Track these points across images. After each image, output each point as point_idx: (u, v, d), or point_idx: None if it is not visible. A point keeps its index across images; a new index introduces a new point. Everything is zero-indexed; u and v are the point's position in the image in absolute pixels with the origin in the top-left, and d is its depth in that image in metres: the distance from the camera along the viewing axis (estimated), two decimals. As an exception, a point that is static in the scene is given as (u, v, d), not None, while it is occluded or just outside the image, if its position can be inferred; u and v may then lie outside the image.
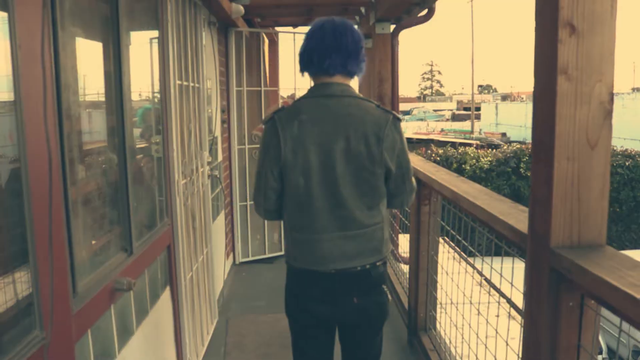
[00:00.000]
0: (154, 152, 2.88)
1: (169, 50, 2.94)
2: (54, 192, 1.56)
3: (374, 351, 2.33)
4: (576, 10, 1.49)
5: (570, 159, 1.54)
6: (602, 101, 1.53)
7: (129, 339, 2.33)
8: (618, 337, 1.54)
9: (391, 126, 2.10)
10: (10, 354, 1.38)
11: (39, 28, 1.48)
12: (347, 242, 2.09)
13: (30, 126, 1.46)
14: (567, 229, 1.57)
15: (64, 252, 1.68)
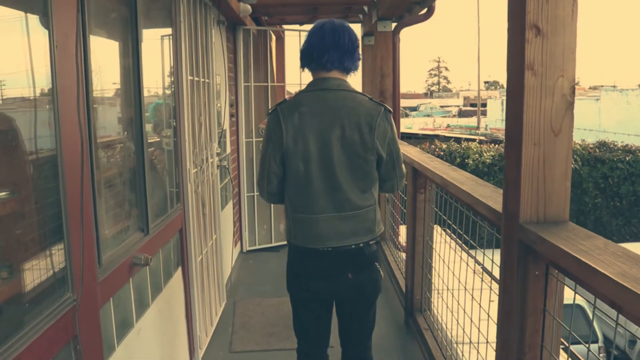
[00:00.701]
0: (165, 145, 3.10)
1: (182, 48, 3.16)
2: (84, 176, 1.79)
3: (368, 324, 2.55)
4: (541, 14, 1.70)
5: (537, 145, 1.75)
6: (564, 94, 1.74)
7: (145, 311, 2.56)
8: (615, 328, 1.75)
9: (382, 117, 2.32)
10: (49, 309, 1.61)
11: (73, 30, 1.71)
12: (342, 222, 2.31)
13: (65, 116, 1.69)
14: (534, 207, 1.79)
15: (92, 228, 1.91)
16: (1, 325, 1.47)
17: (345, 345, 2.57)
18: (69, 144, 1.72)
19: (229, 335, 3.93)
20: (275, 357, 3.60)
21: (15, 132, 1.62)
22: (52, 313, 1.62)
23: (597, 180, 12.59)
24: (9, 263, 1.58)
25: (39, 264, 1.70)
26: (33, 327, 1.52)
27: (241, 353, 3.69)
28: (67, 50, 1.69)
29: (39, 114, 1.70)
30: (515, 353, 1.86)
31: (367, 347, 2.58)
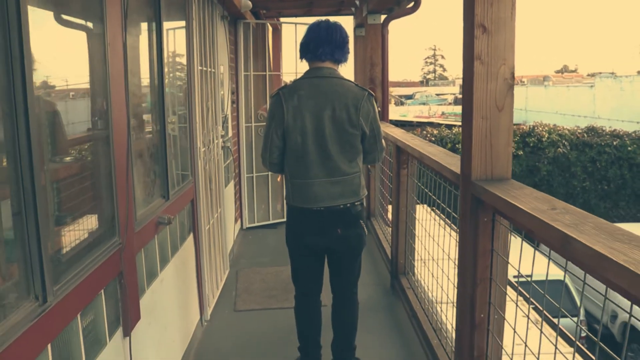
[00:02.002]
0: (170, 131, 3.55)
1: (194, 42, 3.61)
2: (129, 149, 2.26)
3: (354, 272, 3.03)
4: (486, 15, 2.16)
5: (484, 118, 2.22)
6: (506, 78, 2.21)
7: (166, 265, 3.03)
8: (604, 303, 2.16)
9: (366, 100, 2.79)
10: (107, 245, 2.09)
11: (119, 32, 2.18)
12: (332, 186, 2.79)
13: (116, 100, 2.16)
14: (482, 168, 2.25)
15: (131, 190, 2.38)
16: (73, 256, 1.94)
17: (335, 291, 3.05)
18: (118, 122, 2.19)
19: (233, 298, 4.41)
20: (274, 314, 4.07)
21: (57, 113, 2.04)
22: (106, 250, 2.10)
23: (585, 164, 13.03)
24: (73, 212, 2.06)
25: (96, 213, 2.17)
26: (97, 257, 2.00)
27: (244, 312, 4.17)
28: (115, 48, 2.16)
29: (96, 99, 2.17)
30: (470, 286, 2.34)
31: (353, 292, 3.06)
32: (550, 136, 12.81)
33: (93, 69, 2.14)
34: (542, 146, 12.75)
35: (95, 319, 2.07)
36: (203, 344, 3.65)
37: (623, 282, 1.26)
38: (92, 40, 2.12)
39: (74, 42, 2.16)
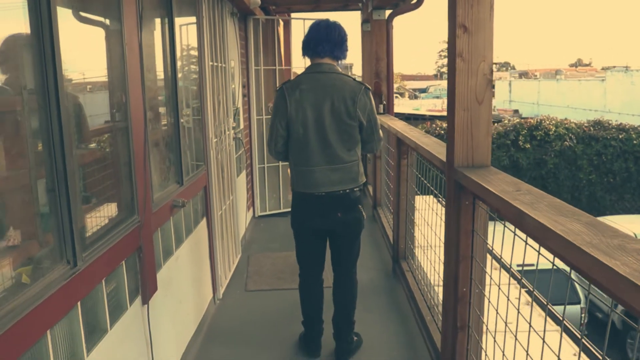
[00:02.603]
0: (184, 123, 3.82)
1: (204, 38, 3.87)
2: (146, 137, 2.53)
3: (353, 253, 3.29)
4: (467, 17, 2.40)
5: (466, 110, 2.46)
6: (485, 74, 2.44)
7: (180, 244, 3.30)
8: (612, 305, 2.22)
9: (363, 93, 3.04)
10: (127, 222, 2.36)
11: (135, 32, 2.44)
12: (332, 173, 3.04)
13: (133, 94, 2.42)
14: (464, 156, 2.49)
15: (149, 175, 2.64)
16: (99, 229, 2.21)
17: (336, 270, 3.31)
18: (135, 114, 2.46)
19: (244, 279, 4.68)
20: (282, 294, 4.34)
21: (81, 106, 2.31)
22: (127, 226, 2.38)
23: (591, 157, 13.19)
24: (98, 192, 2.33)
25: (117, 194, 2.44)
26: (118, 232, 2.27)
27: (255, 292, 4.44)
28: (132, 47, 2.42)
29: (115, 92, 2.43)
30: (453, 262, 2.58)
31: (352, 271, 3.32)
32: (557, 129, 12.98)
33: (112, 65, 2.40)
34: (549, 139, 12.92)
35: (117, 286, 2.34)
36: (215, 319, 3.92)
37: (559, 248, 1.50)
38: (111, 38, 2.39)
39: (95, 40, 2.42)
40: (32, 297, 1.64)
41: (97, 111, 2.47)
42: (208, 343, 3.59)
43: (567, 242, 1.44)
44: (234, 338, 3.68)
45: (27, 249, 1.79)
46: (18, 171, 1.77)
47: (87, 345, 2.00)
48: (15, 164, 1.76)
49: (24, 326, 1.56)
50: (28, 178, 1.80)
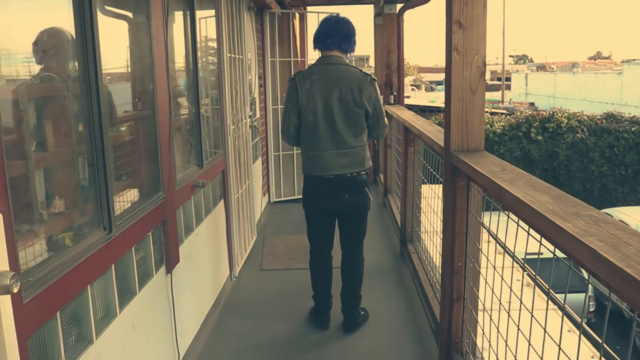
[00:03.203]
0: (203, 111, 4.08)
1: (223, 31, 4.13)
2: (171, 122, 2.79)
3: (360, 232, 3.54)
4: (462, 14, 2.63)
5: (461, 100, 2.69)
6: (479, 66, 2.68)
7: (200, 223, 3.58)
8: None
9: (369, 83, 3.29)
10: (153, 197, 2.63)
11: (162, 26, 2.70)
12: (340, 157, 3.29)
13: (160, 83, 2.69)
14: (459, 141, 2.73)
15: (173, 156, 2.91)
16: (130, 202, 2.48)
17: (344, 248, 3.57)
18: (162, 101, 2.73)
19: (259, 259, 4.96)
20: (295, 274, 4.60)
21: (110, 93, 2.56)
22: (154, 201, 2.65)
23: (603, 149, 13.31)
24: (128, 172, 2.60)
25: (146, 172, 2.72)
26: (146, 206, 2.54)
27: (269, 271, 4.72)
28: (159, 40, 2.69)
29: (144, 82, 2.70)
30: (450, 239, 2.82)
31: (359, 249, 3.57)
32: (569, 122, 13.11)
33: (141, 56, 2.67)
34: (561, 132, 13.06)
35: (144, 255, 2.61)
36: (232, 295, 4.20)
37: (528, 216, 1.74)
38: (140, 32, 2.65)
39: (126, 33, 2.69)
40: (75, 257, 1.91)
41: (128, 99, 2.74)
42: (225, 315, 3.87)
43: (533, 211, 1.68)
44: (249, 312, 3.95)
45: (69, 216, 2.06)
46: (63, 148, 2.04)
47: (119, 303, 2.27)
48: (61, 142, 2.03)
49: (69, 279, 1.83)
50: (71, 154, 2.08)
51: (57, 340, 1.81)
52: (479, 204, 2.78)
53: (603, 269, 1.20)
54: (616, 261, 1.15)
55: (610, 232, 1.34)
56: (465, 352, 2.83)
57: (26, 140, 1.76)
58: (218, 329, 3.66)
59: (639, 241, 1.26)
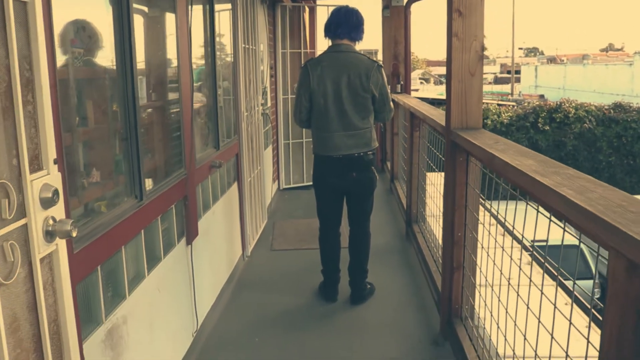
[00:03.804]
0: (220, 99, 4.30)
1: (238, 24, 4.35)
2: (191, 106, 3.03)
3: (367, 209, 3.77)
4: (461, 2, 2.84)
5: (460, 81, 2.90)
6: (477, 50, 2.89)
7: (216, 201, 3.81)
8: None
9: (376, 70, 3.51)
10: (176, 173, 2.87)
11: (185, 21, 2.93)
12: (348, 138, 3.52)
13: (183, 73, 2.92)
14: (459, 120, 2.95)
15: (193, 137, 3.14)
16: (157, 175, 2.72)
17: (351, 224, 3.80)
18: (185, 87, 2.96)
19: (270, 241, 5.20)
20: (304, 253, 4.84)
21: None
22: (177, 175, 2.89)
23: (611, 139, 13.43)
24: (155, 149, 2.83)
25: (171, 151, 2.95)
26: (171, 180, 2.78)
27: (279, 251, 4.95)
28: (183, 34, 2.92)
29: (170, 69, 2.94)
30: (450, 210, 3.04)
31: (366, 225, 3.80)
32: (576, 112, 13.26)
33: (167, 46, 2.90)
34: (569, 122, 13.22)
35: (168, 226, 2.85)
36: (244, 272, 4.44)
37: (514, 177, 1.96)
38: (167, 24, 2.88)
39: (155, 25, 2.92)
40: (112, 219, 2.15)
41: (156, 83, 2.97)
42: (239, 290, 4.11)
43: (518, 171, 1.90)
44: (261, 287, 4.19)
45: (105, 186, 2.30)
46: (101, 125, 2.28)
47: (147, 266, 2.51)
48: (99, 120, 2.27)
49: (108, 238, 2.07)
50: (108, 130, 2.31)
51: (98, 291, 2.05)
52: (478, 178, 2.99)
53: (571, 211, 1.42)
54: (581, 203, 1.37)
55: (580, 184, 1.56)
56: (465, 317, 3.05)
57: (72, 115, 1.99)
58: (232, 302, 3.90)
59: (603, 190, 1.48)
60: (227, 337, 3.42)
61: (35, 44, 1.48)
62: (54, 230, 1.52)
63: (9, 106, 1.39)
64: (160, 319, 2.67)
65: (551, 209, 1.65)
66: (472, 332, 2.92)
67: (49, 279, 1.57)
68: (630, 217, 1.21)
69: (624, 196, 1.39)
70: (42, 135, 1.51)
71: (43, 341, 1.53)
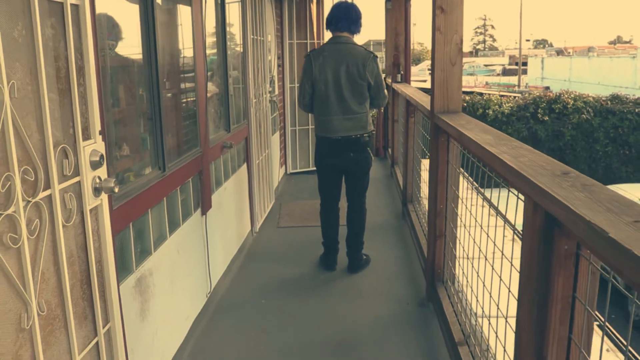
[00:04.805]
0: (230, 85, 4.69)
1: (247, 15, 4.74)
2: (205, 91, 3.43)
3: (364, 185, 4.18)
4: (444, 1, 3.22)
5: (442, 70, 3.29)
6: (457, 43, 3.27)
7: (228, 179, 4.22)
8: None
9: (372, 60, 3.90)
10: (193, 150, 3.28)
11: (200, 12, 3.33)
12: (346, 121, 3.91)
13: (199, 61, 3.32)
14: (441, 104, 3.33)
15: (207, 120, 3.55)
16: (177, 151, 3.12)
17: (349, 200, 4.20)
18: (199, 74, 3.36)
19: (277, 219, 5.61)
20: (308, 230, 5.24)
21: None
22: (193, 153, 3.29)
23: (607, 130, 13.73)
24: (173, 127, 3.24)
25: (187, 130, 3.36)
26: (188, 156, 3.19)
27: (285, 228, 5.37)
28: (197, 24, 3.32)
29: (187, 58, 3.34)
30: (434, 185, 3.43)
31: (362, 201, 4.20)
32: (575, 103, 13.57)
33: (184, 36, 3.30)
34: (567, 112, 13.53)
35: (186, 197, 3.26)
36: (253, 246, 4.86)
37: (475, 150, 2.35)
38: (183, 17, 3.28)
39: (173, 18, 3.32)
40: (141, 185, 2.56)
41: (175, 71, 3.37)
42: (247, 261, 4.53)
43: (477, 144, 2.29)
44: (268, 258, 4.61)
45: (133, 158, 2.71)
46: (130, 106, 2.69)
47: (169, 229, 2.92)
48: (129, 102, 2.68)
49: (137, 201, 2.48)
50: (135, 111, 2.72)
51: (130, 245, 2.46)
52: (457, 157, 3.38)
53: (505, 170, 1.82)
54: (512, 164, 1.76)
55: (518, 152, 1.96)
56: (446, 280, 3.45)
57: (108, 97, 2.39)
58: (242, 271, 4.32)
59: (533, 155, 1.87)
60: (236, 299, 3.83)
61: (85, 38, 1.88)
62: (100, 187, 1.93)
63: (67, 88, 1.79)
64: (179, 278, 3.09)
65: (495, 171, 2.04)
66: (450, 292, 3.32)
67: (95, 226, 1.97)
68: (542, 172, 1.60)
69: (547, 160, 1.78)
70: (90, 111, 1.91)
71: (91, 276, 1.93)
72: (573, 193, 1.38)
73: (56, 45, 1.73)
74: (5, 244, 1.45)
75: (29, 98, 1.57)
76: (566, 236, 1.43)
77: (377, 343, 3.25)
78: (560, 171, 1.62)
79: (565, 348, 1.46)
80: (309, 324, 3.51)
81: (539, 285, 1.50)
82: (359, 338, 3.33)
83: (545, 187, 1.45)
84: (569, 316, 1.45)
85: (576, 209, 1.25)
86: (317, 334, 3.39)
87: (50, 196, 1.66)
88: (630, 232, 1.09)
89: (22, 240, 1.50)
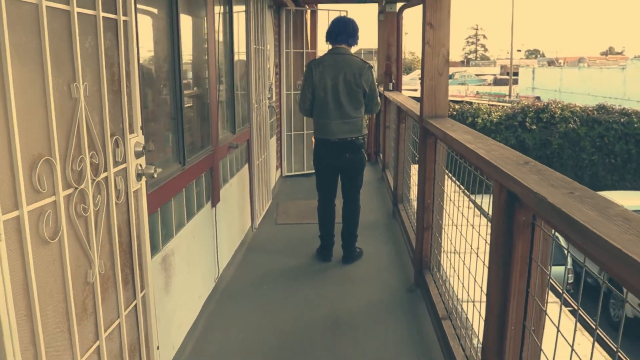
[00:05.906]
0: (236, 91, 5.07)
1: (250, 26, 5.13)
2: (217, 95, 3.81)
3: (358, 183, 4.56)
4: (433, 17, 3.61)
5: (431, 79, 3.68)
6: (444, 55, 3.67)
7: (233, 176, 4.60)
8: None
9: (367, 69, 4.30)
10: (206, 148, 3.65)
11: (212, 18, 3.72)
12: (343, 125, 4.30)
13: (211, 62, 3.70)
14: (429, 110, 3.72)
15: (217, 121, 3.92)
16: (193, 148, 3.50)
17: (345, 197, 4.59)
18: (212, 80, 3.74)
19: (274, 217, 5.99)
20: (304, 227, 5.61)
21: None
22: (206, 150, 3.67)
23: (594, 139, 14.22)
24: (191, 127, 3.61)
25: (203, 130, 3.73)
26: (201, 153, 3.56)
27: (283, 224, 5.74)
28: (211, 38, 3.70)
29: (202, 64, 3.72)
30: (422, 182, 3.81)
31: (356, 197, 4.59)
32: (562, 112, 14.06)
33: (200, 44, 3.69)
34: (555, 122, 14.02)
35: (200, 190, 3.63)
36: (253, 241, 5.23)
37: (459, 149, 2.74)
38: (201, 26, 3.67)
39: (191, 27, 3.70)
40: (165, 176, 2.93)
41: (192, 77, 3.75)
42: (249, 253, 4.90)
43: (458, 142, 2.68)
44: (267, 251, 4.98)
45: (157, 154, 3.08)
46: (155, 106, 3.06)
47: (187, 217, 3.29)
48: (154, 103, 3.05)
49: (163, 189, 2.85)
50: (161, 112, 3.09)
51: (158, 226, 2.83)
52: (444, 157, 3.78)
53: (480, 162, 2.20)
54: (484, 155, 2.15)
55: (491, 147, 2.35)
56: (432, 268, 3.84)
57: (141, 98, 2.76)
58: (245, 261, 4.69)
59: (504, 150, 2.26)
60: (241, 285, 4.20)
61: (131, 48, 2.25)
62: (141, 172, 2.30)
63: (118, 89, 2.17)
64: (194, 260, 3.46)
65: (472, 164, 2.43)
66: (436, 277, 3.71)
67: (136, 206, 2.34)
68: (507, 162, 2.00)
69: (513, 153, 2.18)
70: (134, 110, 2.29)
71: (133, 248, 2.30)
72: (529, 175, 1.77)
73: (111, 54, 2.11)
74: (79, 212, 1.82)
75: (94, 97, 1.95)
76: (524, 209, 1.82)
77: (370, 321, 3.64)
78: (523, 161, 2.01)
79: (524, 298, 1.84)
80: (308, 306, 3.89)
81: (504, 250, 1.89)
82: (354, 318, 3.71)
83: (509, 171, 1.84)
84: (527, 273, 1.84)
85: (529, 185, 1.64)
86: (315, 314, 3.76)
87: (107, 178, 2.03)
88: (565, 199, 1.48)
89: (89, 211, 1.87)
